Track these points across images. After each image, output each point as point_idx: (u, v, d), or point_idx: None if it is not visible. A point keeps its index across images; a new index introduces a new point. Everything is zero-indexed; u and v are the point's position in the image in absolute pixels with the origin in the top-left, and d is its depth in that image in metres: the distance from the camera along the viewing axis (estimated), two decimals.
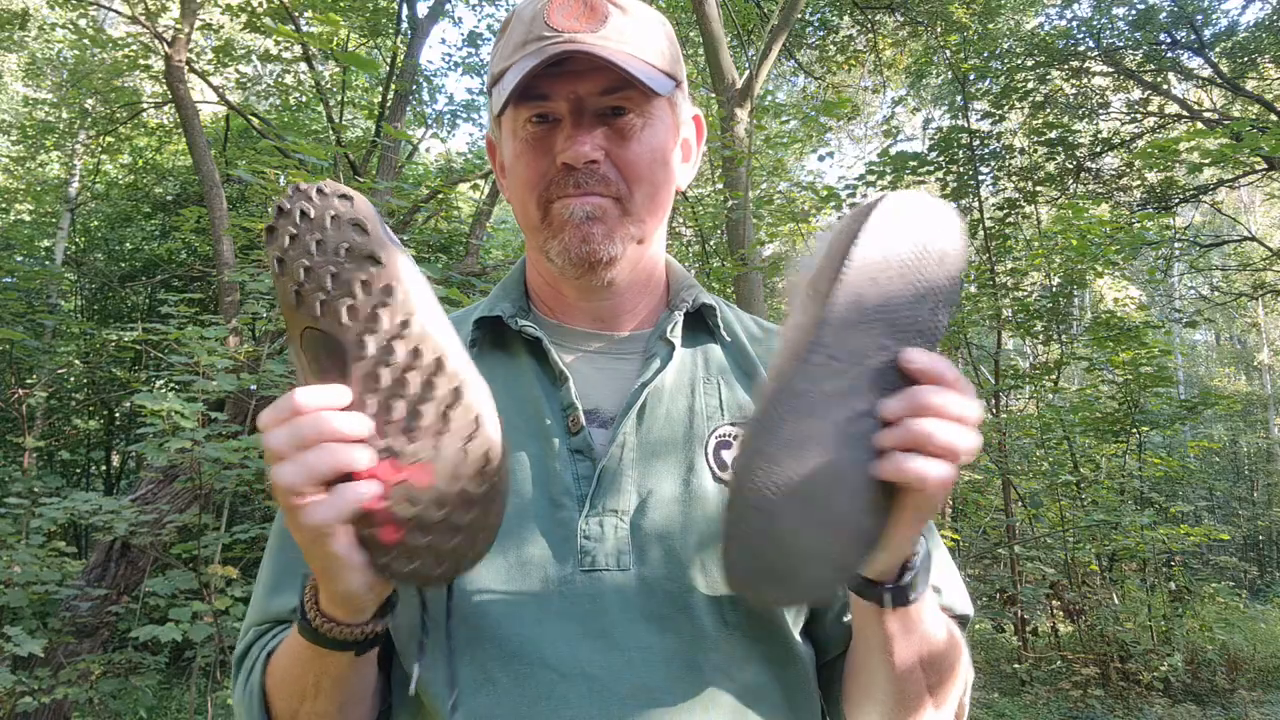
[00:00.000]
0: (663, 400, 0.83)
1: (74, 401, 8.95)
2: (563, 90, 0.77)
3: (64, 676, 3.86)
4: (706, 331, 0.90)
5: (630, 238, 0.82)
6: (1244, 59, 8.96)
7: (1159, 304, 12.59)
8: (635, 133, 0.80)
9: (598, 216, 0.79)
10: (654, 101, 0.81)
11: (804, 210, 6.83)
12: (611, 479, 0.78)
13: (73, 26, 7.80)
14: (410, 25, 8.50)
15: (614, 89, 0.78)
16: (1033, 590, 6.39)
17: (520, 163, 0.81)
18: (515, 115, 0.81)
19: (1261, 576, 13.42)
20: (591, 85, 0.78)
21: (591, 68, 0.77)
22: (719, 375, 0.87)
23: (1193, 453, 7.77)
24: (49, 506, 3.83)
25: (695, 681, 0.73)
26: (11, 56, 11.39)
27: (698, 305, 0.89)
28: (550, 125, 0.79)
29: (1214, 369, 21.07)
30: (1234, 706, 5.61)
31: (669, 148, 0.84)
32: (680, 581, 0.75)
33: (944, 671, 0.76)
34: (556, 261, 0.81)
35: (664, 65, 0.81)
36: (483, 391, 0.62)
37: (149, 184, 10.18)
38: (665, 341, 0.85)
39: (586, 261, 0.80)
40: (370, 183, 4.49)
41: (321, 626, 0.66)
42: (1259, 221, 18.56)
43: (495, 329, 0.88)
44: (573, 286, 0.85)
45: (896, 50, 10.73)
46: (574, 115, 0.78)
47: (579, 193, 0.78)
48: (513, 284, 0.92)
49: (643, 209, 0.82)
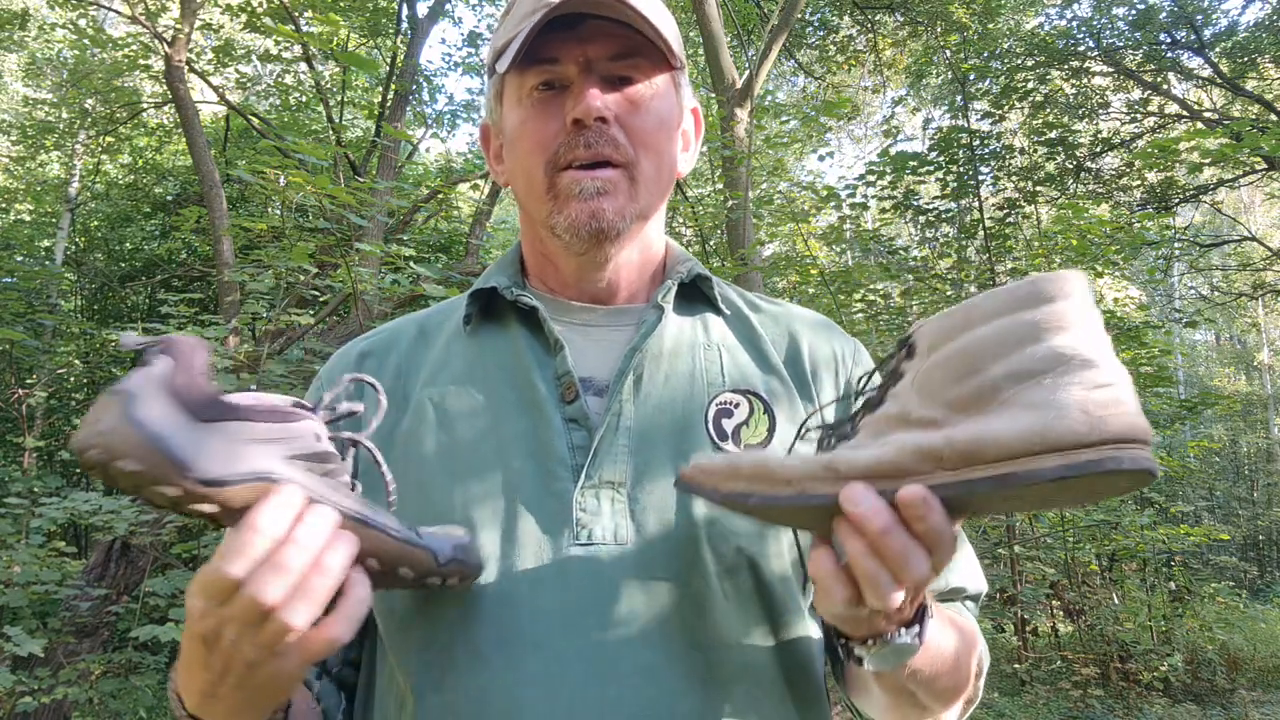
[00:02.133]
0: (661, 366, 0.81)
1: (74, 401, 8.94)
2: (572, 53, 0.76)
3: (64, 676, 3.86)
4: (705, 301, 0.88)
5: (637, 213, 0.80)
6: (1244, 59, 8.96)
7: (1159, 304, 12.58)
8: (645, 100, 0.79)
9: (607, 191, 0.78)
10: (661, 75, 0.80)
11: (804, 210, 6.83)
12: (608, 449, 0.76)
13: (73, 26, 7.80)
14: (410, 25, 8.50)
15: (624, 55, 0.77)
16: (1033, 590, 6.39)
17: (526, 128, 0.79)
18: (521, 81, 0.79)
19: (1261, 576, 13.42)
20: (602, 49, 0.76)
21: (602, 33, 0.75)
22: (720, 342, 0.85)
23: (1193, 453, 7.75)
24: (49, 506, 3.82)
25: (695, 660, 0.71)
26: (11, 56, 11.39)
27: (693, 275, 0.87)
28: (558, 91, 0.78)
29: (1214, 369, 21.05)
30: (1234, 706, 5.61)
31: (675, 124, 0.83)
32: (680, 556, 0.73)
33: (944, 690, 0.75)
34: (563, 236, 0.80)
35: (674, 44, 0.79)
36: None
37: (149, 184, 10.18)
38: (656, 308, 0.84)
39: (594, 237, 0.79)
40: (370, 183, 4.49)
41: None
42: (1259, 221, 18.56)
43: (490, 302, 0.87)
44: (573, 262, 0.84)
45: (896, 50, 10.73)
46: (584, 77, 0.77)
47: (589, 156, 0.77)
48: (508, 260, 0.91)
49: (650, 180, 0.81)
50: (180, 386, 0.55)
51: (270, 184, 3.71)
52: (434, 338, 0.88)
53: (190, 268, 8.99)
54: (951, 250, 7.29)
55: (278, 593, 0.54)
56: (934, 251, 7.68)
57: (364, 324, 4.65)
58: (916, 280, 6.66)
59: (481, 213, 8.57)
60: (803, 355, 0.87)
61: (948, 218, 7.44)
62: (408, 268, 4.35)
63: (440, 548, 0.66)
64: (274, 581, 0.54)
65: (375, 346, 0.89)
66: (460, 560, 0.68)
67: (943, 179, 6.93)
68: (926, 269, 6.98)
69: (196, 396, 0.55)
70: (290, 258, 3.98)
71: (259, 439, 0.57)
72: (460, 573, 0.68)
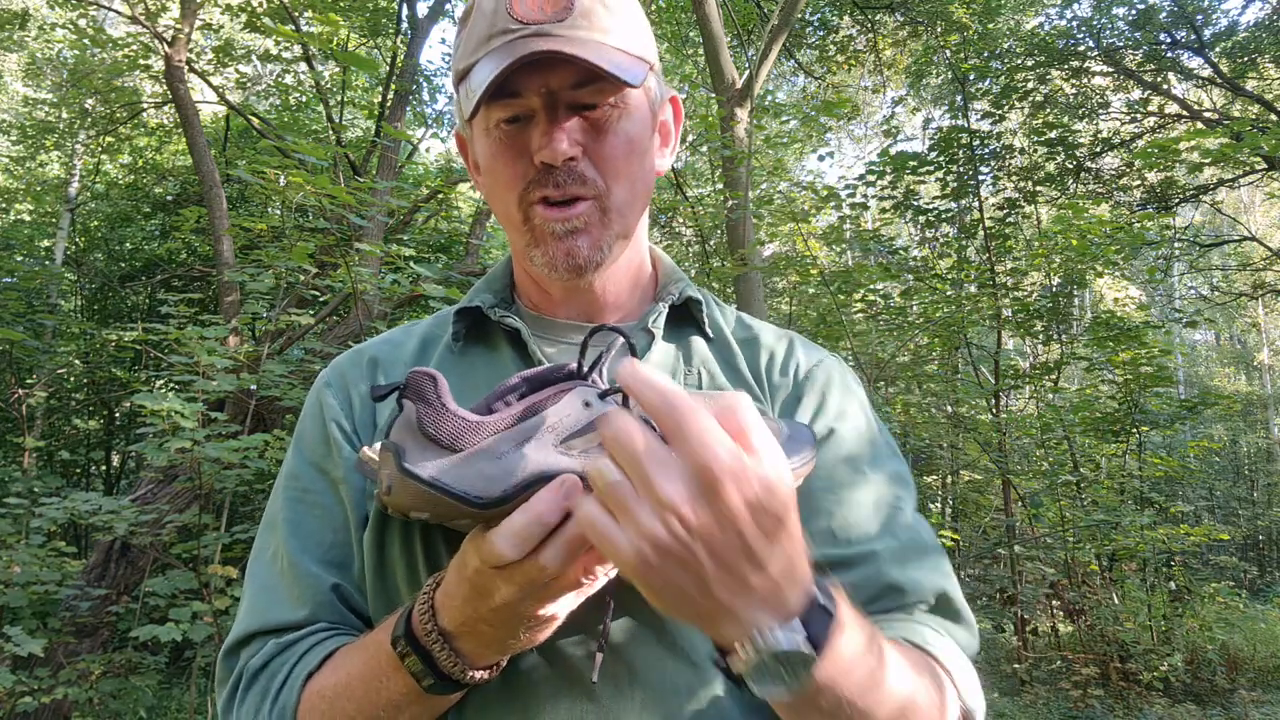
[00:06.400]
0: None
1: (74, 401, 8.95)
2: (534, 85, 0.75)
3: (64, 676, 3.86)
4: (692, 324, 0.88)
5: (615, 237, 0.80)
6: (1244, 59, 8.95)
7: (1159, 304, 12.59)
8: (611, 125, 0.78)
9: (580, 229, 0.77)
10: (627, 91, 0.78)
11: (804, 210, 6.83)
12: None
13: (73, 26, 7.79)
14: (410, 25, 8.49)
15: (586, 81, 0.75)
16: (1033, 590, 6.39)
17: (497, 163, 0.79)
18: (487, 115, 0.78)
19: (1261, 576, 13.42)
20: (563, 78, 0.75)
21: (562, 61, 0.74)
22: (701, 366, 0.85)
23: (1193, 453, 7.76)
24: (49, 506, 3.82)
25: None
26: (11, 56, 11.40)
27: (683, 298, 0.87)
28: (522, 123, 0.77)
29: (1214, 369, 21.06)
30: (1234, 706, 5.61)
31: (645, 136, 0.82)
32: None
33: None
34: (542, 270, 0.80)
35: (635, 49, 0.78)
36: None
37: (149, 184, 10.18)
38: (647, 333, 0.84)
39: (573, 272, 0.79)
40: (370, 183, 4.49)
41: (462, 674, 0.65)
42: (1259, 221, 18.56)
43: (478, 321, 0.87)
44: (559, 286, 0.84)
45: (896, 50, 10.74)
46: (548, 110, 0.75)
47: (559, 195, 0.76)
48: (497, 275, 0.92)
49: (624, 205, 0.80)
50: (430, 426, 0.59)
51: (270, 184, 3.71)
52: (430, 351, 0.88)
53: (190, 268, 8.99)
54: (951, 250, 7.29)
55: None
56: (934, 251, 7.68)
57: (364, 324, 4.65)
58: (916, 280, 6.66)
59: (481, 213, 8.57)
60: (777, 374, 0.87)
61: (948, 218, 7.44)
62: (408, 268, 4.34)
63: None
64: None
65: (382, 355, 0.89)
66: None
67: (943, 179, 6.93)
68: (926, 269, 6.98)
69: (449, 429, 0.59)
70: (290, 258, 3.98)
71: (521, 441, 0.60)
72: None
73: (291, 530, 0.81)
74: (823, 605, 0.56)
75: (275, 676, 0.74)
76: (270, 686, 0.73)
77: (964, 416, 7.00)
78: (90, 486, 9.19)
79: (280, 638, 0.76)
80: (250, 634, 0.78)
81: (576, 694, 0.70)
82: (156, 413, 3.41)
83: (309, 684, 0.71)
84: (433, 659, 0.64)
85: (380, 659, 0.67)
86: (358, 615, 0.79)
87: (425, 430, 0.59)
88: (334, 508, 0.81)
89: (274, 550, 0.82)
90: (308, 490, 0.83)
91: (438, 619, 0.64)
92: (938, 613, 0.77)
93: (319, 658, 0.73)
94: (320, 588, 0.78)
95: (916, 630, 0.74)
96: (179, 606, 3.45)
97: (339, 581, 0.78)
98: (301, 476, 0.84)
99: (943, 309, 6.38)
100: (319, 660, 0.72)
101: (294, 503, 0.83)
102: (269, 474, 3.67)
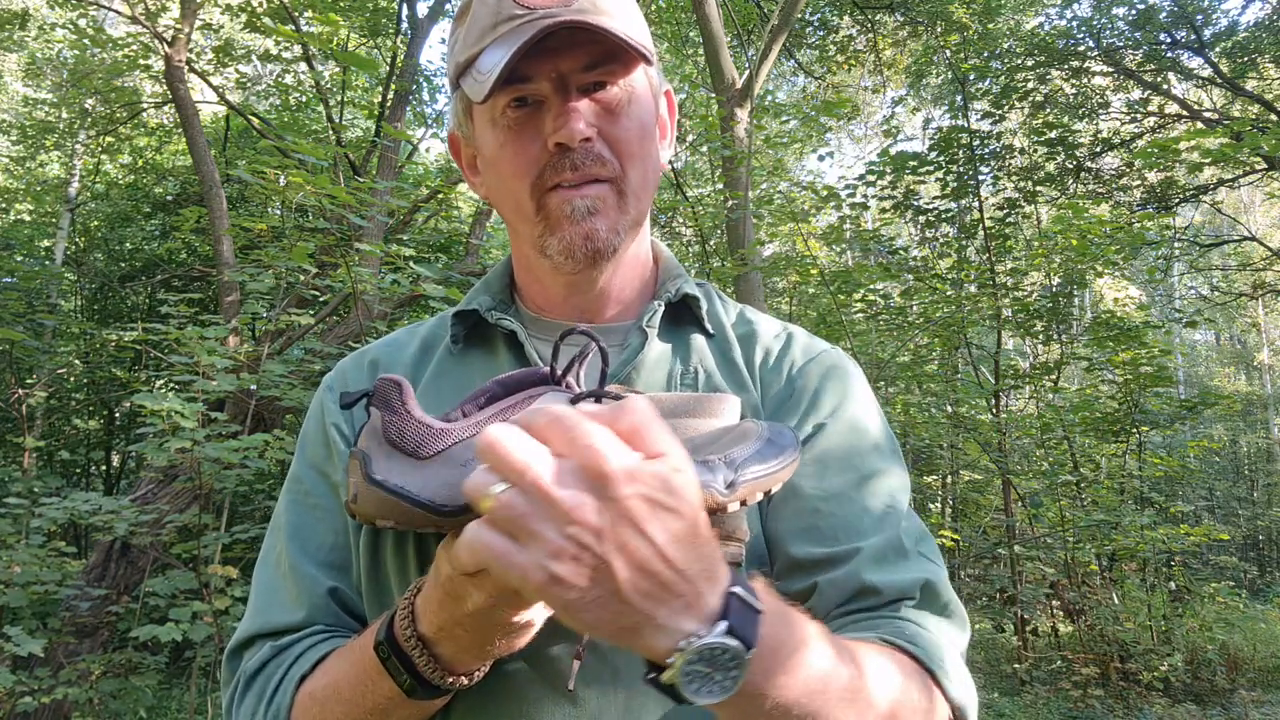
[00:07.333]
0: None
1: (74, 401, 8.95)
2: (544, 69, 0.74)
3: (64, 676, 3.86)
4: (692, 321, 0.87)
5: (630, 224, 0.80)
6: (1244, 59, 8.95)
7: (1159, 304, 12.58)
8: (623, 107, 0.77)
9: (598, 210, 0.77)
10: (634, 75, 0.78)
11: (804, 210, 6.83)
12: None
13: (73, 26, 7.79)
14: (410, 25, 8.49)
15: (596, 63, 0.75)
16: (1033, 590, 6.39)
17: (506, 151, 0.77)
18: (493, 102, 0.76)
19: (1261, 576, 13.42)
20: (573, 61, 0.74)
21: (571, 44, 0.74)
22: (699, 365, 0.84)
23: (1193, 453, 7.75)
24: (49, 506, 3.82)
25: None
26: (11, 56, 11.39)
27: (681, 295, 0.86)
28: (532, 108, 0.76)
29: (1214, 369, 21.06)
30: (1234, 706, 5.61)
31: (652, 122, 0.82)
32: None
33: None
34: (556, 258, 0.79)
35: (640, 37, 0.77)
36: None
37: (149, 184, 10.18)
38: (642, 332, 0.83)
39: (590, 258, 0.78)
40: (370, 183, 4.49)
41: (441, 680, 0.65)
42: (1259, 221, 18.56)
43: (477, 323, 0.87)
44: (561, 281, 0.84)
45: (896, 50, 10.74)
46: (559, 94, 0.75)
47: (577, 178, 0.76)
48: (495, 277, 0.91)
49: (638, 188, 0.80)
50: (394, 434, 0.59)
51: (270, 184, 3.71)
52: (431, 354, 0.88)
53: (190, 268, 8.98)
54: (951, 250, 7.28)
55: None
56: (934, 251, 7.68)
57: (364, 324, 4.65)
58: (916, 280, 6.66)
59: (481, 213, 8.57)
60: (771, 370, 0.86)
61: (948, 218, 7.44)
62: (408, 268, 4.34)
63: None
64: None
65: (384, 357, 0.89)
66: None
67: (943, 179, 6.93)
68: (926, 269, 6.98)
69: (412, 436, 0.59)
70: (290, 258, 3.98)
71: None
72: None
73: (293, 533, 0.81)
74: (747, 603, 0.53)
75: (271, 679, 0.74)
76: (266, 689, 0.74)
77: (964, 416, 7.00)
78: (90, 486, 9.19)
79: (278, 640, 0.77)
80: (251, 636, 0.79)
81: (560, 697, 0.70)
82: (156, 413, 3.41)
83: (302, 687, 0.72)
84: (413, 664, 0.64)
85: (365, 663, 0.67)
86: (355, 618, 0.79)
87: (389, 437, 0.58)
88: (334, 510, 0.81)
89: (277, 553, 0.82)
90: (309, 493, 0.83)
91: (417, 624, 0.64)
92: (924, 607, 0.74)
93: (312, 661, 0.73)
94: (318, 590, 0.78)
95: (900, 628, 0.71)
96: (179, 606, 3.45)
97: (337, 584, 0.79)
98: (303, 479, 0.84)
99: (943, 309, 6.38)
100: (312, 663, 0.73)
101: (296, 505, 0.83)
102: (269, 474, 3.68)
